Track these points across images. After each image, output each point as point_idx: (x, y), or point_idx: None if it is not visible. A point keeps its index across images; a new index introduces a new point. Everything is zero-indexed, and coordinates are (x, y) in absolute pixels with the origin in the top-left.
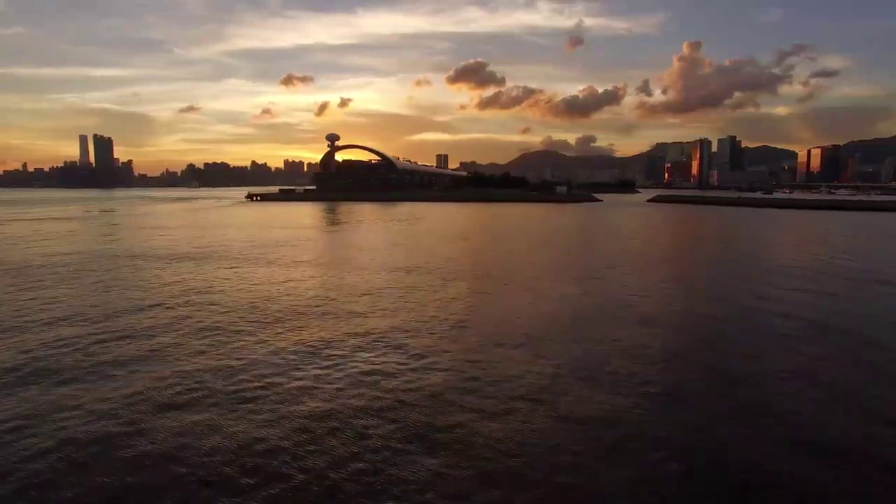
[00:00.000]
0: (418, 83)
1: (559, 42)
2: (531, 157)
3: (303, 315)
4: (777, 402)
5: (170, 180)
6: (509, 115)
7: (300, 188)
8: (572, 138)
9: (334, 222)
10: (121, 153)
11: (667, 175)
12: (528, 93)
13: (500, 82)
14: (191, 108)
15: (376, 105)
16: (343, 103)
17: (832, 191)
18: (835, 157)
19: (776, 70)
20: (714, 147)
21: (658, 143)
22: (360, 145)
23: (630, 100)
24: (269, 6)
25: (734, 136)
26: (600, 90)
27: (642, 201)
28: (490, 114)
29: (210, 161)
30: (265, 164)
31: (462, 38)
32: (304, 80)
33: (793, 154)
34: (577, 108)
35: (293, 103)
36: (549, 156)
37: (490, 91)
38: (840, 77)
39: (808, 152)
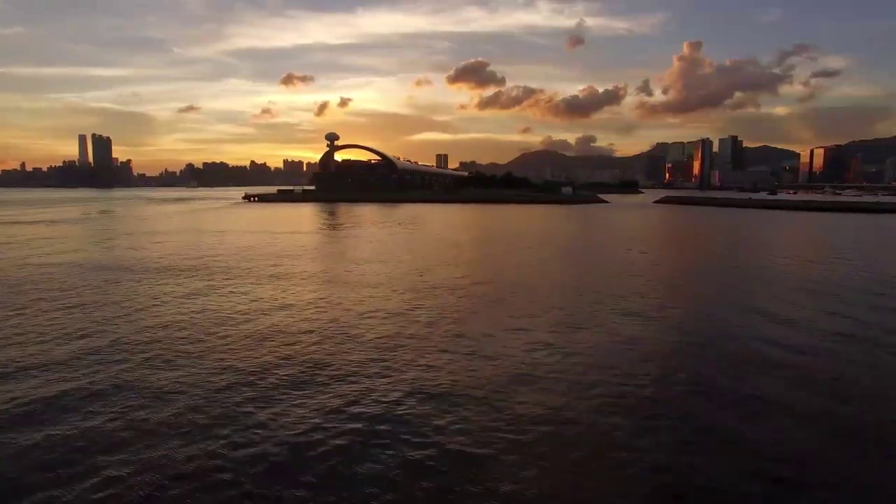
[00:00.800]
0: (418, 83)
1: (559, 42)
2: (531, 157)
3: (292, 375)
4: None
5: (169, 180)
6: (509, 115)
7: (299, 189)
8: (572, 138)
9: (333, 226)
10: (120, 153)
11: (668, 175)
12: (529, 92)
13: (501, 82)
14: (190, 108)
15: (376, 105)
16: (343, 103)
17: (837, 191)
18: (838, 158)
19: (777, 70)
20: (715, 147)
21: (658, 143)
22: (360, 145)
23: (630, 100)
24: (268, 6)
25: (735, 136)
26: (600, 90)
27: (649, 203)
28: (490, 114)
29: (209, 161)
30: (264, 163)
31: (462, 37)
32: (304, 79)
33: (793, 154)
34: (577, 108)
35: (293, 103)
36: (549, 156)
37: (490, 91)
38: (840, 77)
39: (811, 152)
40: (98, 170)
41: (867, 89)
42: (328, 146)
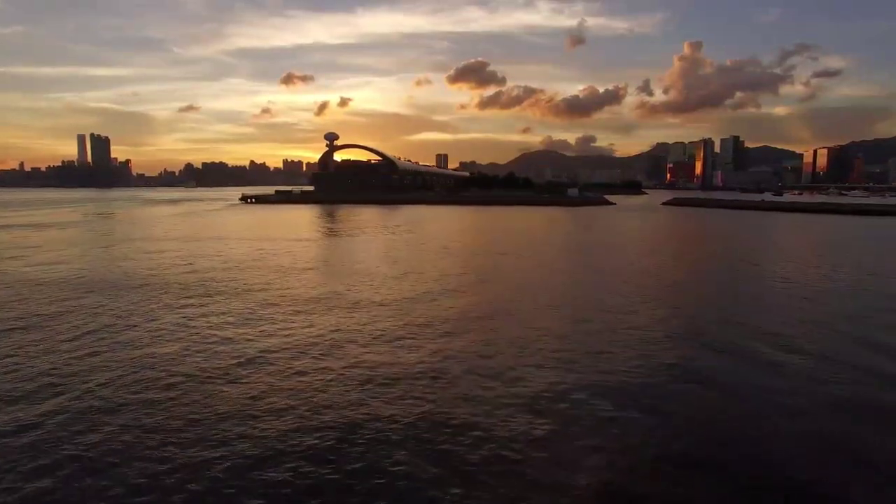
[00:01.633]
0: (418, 83)
1: (559, 42)
2: (531, 157)
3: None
4: None
5: (168, 180)
6: (509, 115)
7: (297, 189)
8: (572, 138)
9: (332, 232)
10: (120, 153)
11: (669, 175)
12: (529, 92)
13: (501, 82)
14: (190, 108)
15: (375, 105)
16: (343, 103)
17: (843, 192)
18: (841, 158)
19: (777, 70)
20: (716, 147)
21: (659, 143)
22: (360, 145)
23: (631, 100)
24: (268, 6)
25: (737, 136)
26: (601, 90)
27: (656, 204)
28: (489, 113)
29: (209, 161)
30: (264, 163)
31: (462, 37)
32: (303, 79)
33: (793, 154)
34: (577, 108)
35: (293, 103)
36: (549, 156)
37: (490, 90)
38: (840, 77)
39: (814, 152)
40: (97, 170)
41: (866, 89)
42: (327, 146)
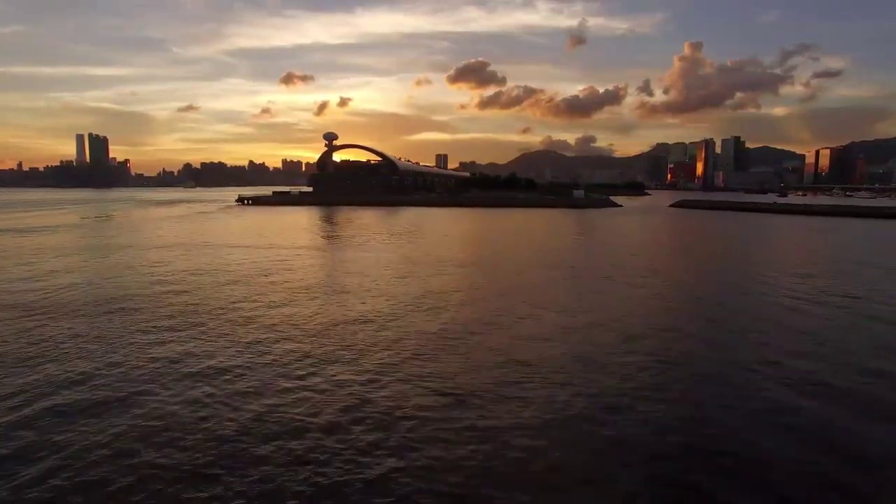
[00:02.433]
0: (418, 83)
1: (558, 42)
2: (531, 157)
3: None
4: None
5: (166, 180)
6: (508, 115)
7: (295, 190)
8: (572, 138)
9: (331, 238)
10: (119, 153)
11: (670, 176)
12: (529, 92)
13: (501, 82)
14: (190, 108)
15: (375, 104)
16: (342, 103)
17: (848, 193)
18: (844, 158)
19: (778, 70)
20: (717, 148)
21: (658, 144)
22: (360, 145)
23: (631, 100)
24: (267, 5)
25: (738, 137)
26: (601, 90)
27: (663, 206)
28: (489, 114)
29: (208, 160)
30: (263, 163)
31: (461, 37)
32: (304, 78)
33: (793, 154)
34: (577, 108)
35: (292, 103)
36: (549, 156)
37: (490, 91)
38: (840, 78)
39: (817, 153)
40: (95, 170)
41: (866, 90)
42: (326, 146)
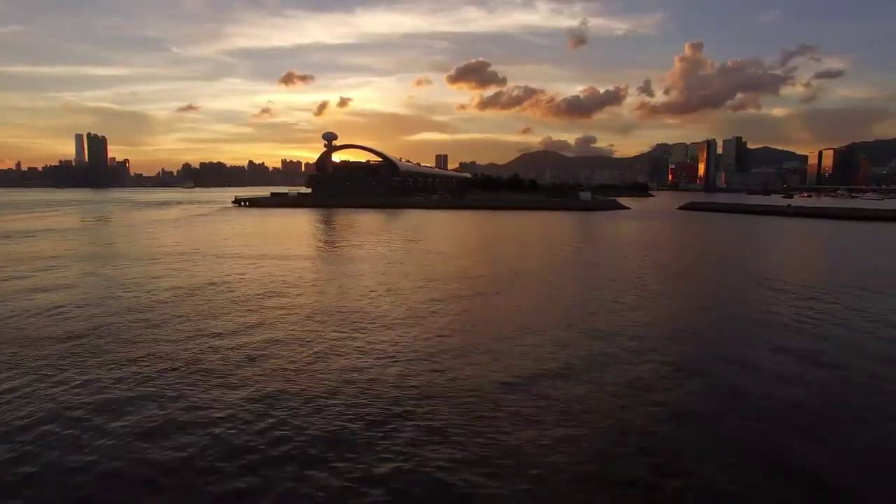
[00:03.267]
0: (419, 82)
1: (558, 42)
2: (531, 158)
3: None
4: None
5: (165, 180)
6: (508, 116)
7: (294, 192)
8: (572, 139)
9: (329, 246)
10: (119, 152)
11: (671, 176)
12: (530, 93)
13: (502, 82)
14: (189, 108)
15: (375, 105)
16: (342, 103)
17: (854, 194)
18: (847, 159)
19: (779, 71)
20: (719, 148)
21: (659, 144)
22: (360, 145)
23: (631, 100)
24: (267, 5)
25: (739, 137)
26: (601, 90)
27: (671, 209)
28: (489, 114)
29: (208, 160)
30: (262, 163)
31: (461, 37)
32: (303, 78)
33: (793, 155)
34: (577, 109)
35: (292, 103)
36: (549, 156)
37: (491, 91)
38: (840, 78)
39: (820, 153)
40: (93, 170)
41: (866, 91)
42: (325, 146)
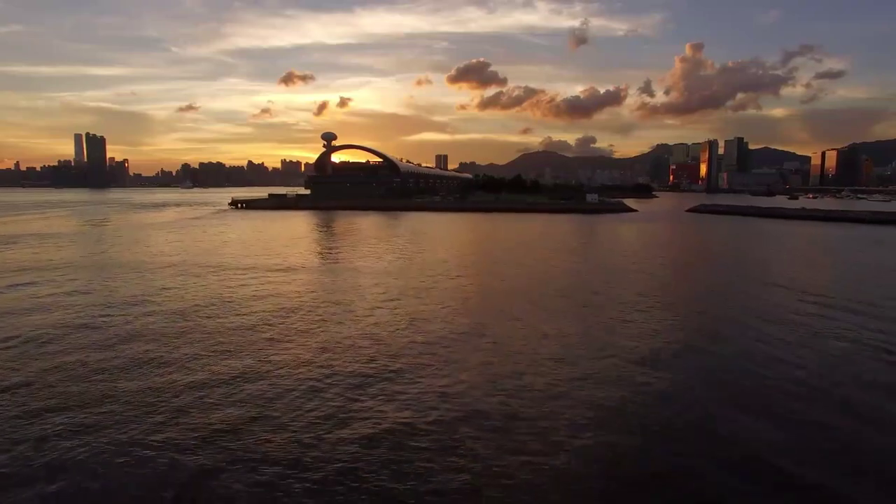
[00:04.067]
0: (419, 83)
1: (558, 42)
2: (531, 158)
3: None
4: None
5: (164, 180)
6: (508, 116)
7: (292, 193)
8: (572, 139)
9: (328, 254)
10: (118, 152)
11: (672, 177)
12: (530, 93)
13: (502, 82)
14: (189, 107)
15: (374, 105)
16: (342, 103)
17: (860, 196)
18: (850, 160)
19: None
20: (720, 149)
21: (659, 144)
22: (359, 145)
23: (631, 101)
24: (267, 5)
25: (741, 138)
26: (601, 91)
27: (679, 211)
28: (488, 114)
29: (208, 160)
30: (262, 163)
31: (461, 37)
32: (303, 78)
33: (794, 156)
34: (577, 109)
35: (292, 103)
36: (549, 156)
37: (491, 91)
38: (841, 79)
39: (823, 154)
40: (92, 170)
41: (866, 91)
42: (325, 146)
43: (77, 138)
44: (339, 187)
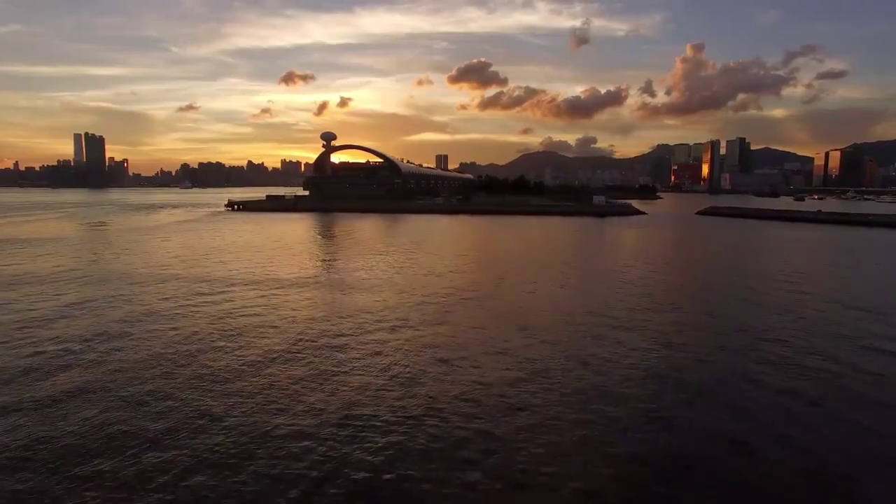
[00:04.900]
0: (419, 83)
1: (558, 42)
2: (531, 158)
3: None
4: None
5: (164, 180)
6: (509, 116)
7: (290, 195)
8: (572, 139)
9: (326, 265)
10: (118, 152)
11: (673, 177)
12: (531, 93)
13: (503, 82)
14: (189, 107)
15: (374, 105)
16: (342, 103)
17: (866, 197)
18: (853, 160)
19: (781, 72)
20: (722, 149)
21: (659, 145)
22: (359, 145)
23: (632, 101)
24: (267, 5)
25: (743, 138)
26: (602, 91)
27: (689, 214)
28: (488, 114)
29: (208, 160)
30: (262, 163)
31: (461, 37)
32: (304, 78)
33: (794, 156)
34: (578, 109)
35: (292, 103)
36: (549, 157)
37: (492, 91)
38: (843, 79)
39: (826, 154)
40: (91, 170)
41: (866, 92)
42: (324, 146)
43: (76, 138)
44: (339, 188)
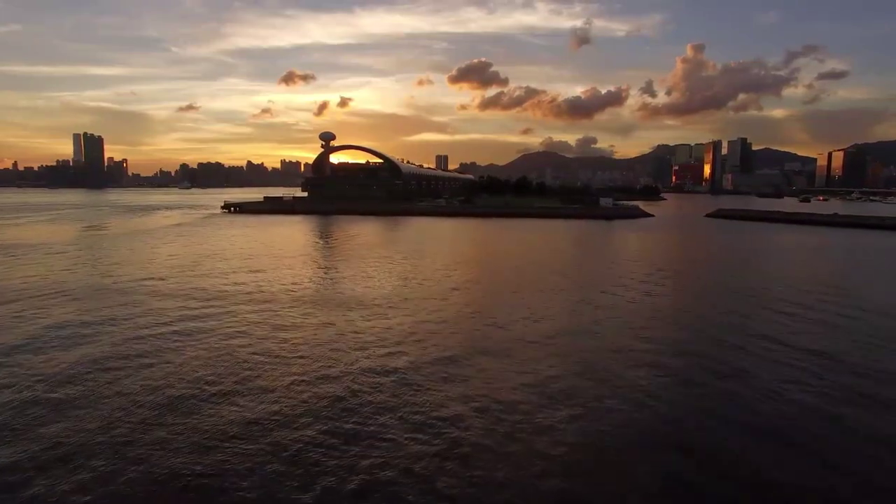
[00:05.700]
0: (419, 83)
1: (559, 43)
2: (531, 158)
3: None
4: None
5: (163, 180)
6: (509, 116)
7: (289, 196)
8: (572, 139)
9: (324, 272)
10: (118, 152)
11: (674, 178)
12: (531, 93)
13: (503, 82)
14: (189, 107)
15: (374, 105)
16: (342, 103)
17: (872, 198)
18: (857, 161)
19: (782, 72)
20: (723, 149)
21: (660, 145)
22: (359, 146)
23: (632, 101)
24: (267, 5)
25: (745, 138)
26: (602, 91)
27: (698, 216)
28: (488, 114)
29: (207, 161)
30: (261, 164)
31: (461, 37)
32: (303, 78)
33: (795, 156)
34: (578, 110)
35: (292, 103)
36: (549, 157)
37: (492, 91)
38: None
39: (829, 155)
40: (90, 170)
41: (867, 92)
42: (323, 147)
43: (76, 138)
44: (338, 190)
